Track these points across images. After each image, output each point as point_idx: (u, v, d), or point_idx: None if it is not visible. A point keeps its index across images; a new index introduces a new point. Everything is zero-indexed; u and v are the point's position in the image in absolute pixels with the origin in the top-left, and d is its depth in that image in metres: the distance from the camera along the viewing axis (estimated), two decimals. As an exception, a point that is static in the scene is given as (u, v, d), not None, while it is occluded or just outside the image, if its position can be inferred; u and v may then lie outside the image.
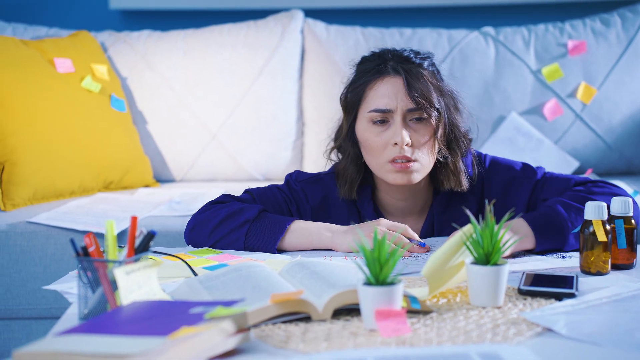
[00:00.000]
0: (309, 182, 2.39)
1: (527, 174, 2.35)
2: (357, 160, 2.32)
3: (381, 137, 2.24)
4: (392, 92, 2.23)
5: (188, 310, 1.55)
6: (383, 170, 2.26)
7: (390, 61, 2.27)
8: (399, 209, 2.37)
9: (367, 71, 2.28)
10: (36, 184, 3.28)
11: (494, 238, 1.78)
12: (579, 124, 3.76)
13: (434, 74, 2.30)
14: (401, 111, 2.23)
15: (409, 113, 2.23)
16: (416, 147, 2.23)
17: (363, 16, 4.26)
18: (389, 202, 2.37)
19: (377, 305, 1.63)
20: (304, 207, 2.37)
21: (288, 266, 1.91)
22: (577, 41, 3.79)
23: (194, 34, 3.91)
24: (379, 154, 2.25)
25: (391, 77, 2.25)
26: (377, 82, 2.25)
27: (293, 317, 1.70)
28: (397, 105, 2.22)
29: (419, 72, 2.25)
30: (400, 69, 2.24)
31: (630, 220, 2.06)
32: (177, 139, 3.81)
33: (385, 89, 2.24)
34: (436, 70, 2.32)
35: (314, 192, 2.38)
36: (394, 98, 2.23)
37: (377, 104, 2.24)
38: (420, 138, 2.23)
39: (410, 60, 2.27)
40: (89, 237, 1.71)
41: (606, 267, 2.01)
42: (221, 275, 1.84)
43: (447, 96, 2.29)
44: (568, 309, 1.75)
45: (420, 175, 2.25)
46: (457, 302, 1.81)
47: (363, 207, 2.35)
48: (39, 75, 3.42)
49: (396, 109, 2.23)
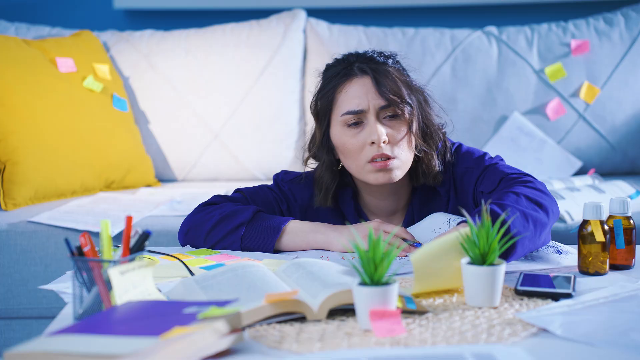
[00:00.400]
0: (295, 182, 2.39)
1: (478, 164, 2.32)
2: (332, 167, 2.31)
3: (357, 139, 2.22)
4: (362, 92, 2.22)
5: (181, 310, 1.55)
6: (363, 172, 2.24)
7: (356, 63, 2.26)
8: (382, 208, 2.36)
9: (334, 76, 2.27)
10: (37, 184, 3.29)
11: (490, 238, 1.77)
12: (582, 123, 3.75)
13: (400, 70, 2.29)
14: (374, 110, 2.21)
15: (382, 111, 2.22)
16: (394, 144, 2.21)
17: (366, 16, 4.25)
18: (371, 203, 2.37)
19: (371, 305, 1.63)
20: (293, 206, 2.37)
21: (284, 266, 1.91)
22: (580, 40, 3.78)
23: (196, 33, 3.91)
24: (357, 156, 2.23)
25: (359, 77, 2.24)
26: (345, 85, 2.24)
27: (288, 317, 1.69)
28: (369, 104, 2.21)
29: (386, 69, 2.24)
30: (367, 68, 2.24)
31: (629, 221, 2.05)
32: (179, 138, 3.81)
33: (355, 90, 2.23)
34: (401, 67, 2.31)
35: (301, 191, 2.38)
36: (364, 98, 2.22)
37: (349, 106, 2.23)
38: (396, 134, 2.22)
39: (375, 60, 2.27)
40: (84, 236, 1.71)
41: (604, 268, 2.00)
42: (217, 275, 1.84)
43: (417, 91, 2.28)
44: (564, 309, 1.75)
45: (400, 172, 2.24)
46: (454, 303, 1.80)
47: (345, 207, 2.35)
48: (40, 75, 3.43)
49: (368, 108, 2.21)
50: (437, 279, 1.84)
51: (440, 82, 3.76)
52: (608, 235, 2.00)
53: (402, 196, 2.36)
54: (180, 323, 1.47)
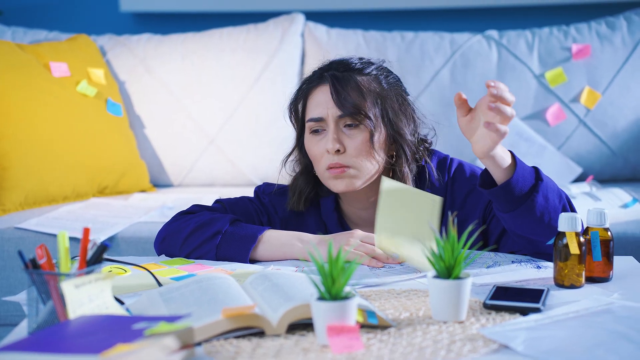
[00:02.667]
0: (277, 194, 2.39)
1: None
2: (308, 171, 2.33)
3: (318, 146, 2.24)
4: (324, 100, 2.23)
5: (131, 326, 1.52)
6: (324, 179, 2.25)
7: (328, 70, 2.26)
8: (363, 218, 2.34)
9: (307, 80, 2.30)
10: (28, 189, 3.28)
11: (455, 251, 1.74)
12: (582, 129, 3.71)
13: (378, 78, 2.26)
14: (332, 118, 2.22)
15: (340, 119, 2.22)
16: (351, 154, 2.21)
17: (365, 19, 4.23)
18: (351, 212, 2.35)
19: (329, 320, 1.60)
20: (274, 218, 2.36)
21: (252, 278, 1.88)
22: (582, 45, 3.73)
23: (193, 37, 3.89)
24: (318, 163, 2.25)
25: (323, 85, 2.25)
26: (313, 91, 2.27)
27: (249, 331, 1.67)
28: (328, 112, 2.22)
29: (350, 78, 2.23)
30: (328, 77, 2.23)
31: (606, 232, 2.01)
32: (175, 143, 3.80)
33: (318, 97, 2.25)
34: (384, 76, 2.28)
35: (282, 203, 2.37)
36: (324, 106, 2.23)
37: (312, 113, 2.25)
38: (353, 144, 2.21)
39: (350, 67, 2.25)
40: (40, 248, 1.69)
41: (580, 280, 1.96)
42: (182, 287, 1.82)
43: (390, 101, 2.25)
44: (531, 324, 1.71)
45: (359, 180, 2.23)
46: (419, 317, 1.77)
47: (327, 218, 2.33)
48: (33, 80, 3.42)
49: (327, 116, 2.22)
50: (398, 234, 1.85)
51: (439, 87, 3.72)
52: (584, 247, 1.95)
53: None
54: (126, 340, 1.44)
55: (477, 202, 2.28)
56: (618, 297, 1.89)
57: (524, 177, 2.03)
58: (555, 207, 2.05)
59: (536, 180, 2.04)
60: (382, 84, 2.26)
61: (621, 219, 3.13)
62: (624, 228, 3.07)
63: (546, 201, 2.03)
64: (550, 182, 2.07)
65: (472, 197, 2.29)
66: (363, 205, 2.32)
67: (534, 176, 2.04)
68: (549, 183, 2.06)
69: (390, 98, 2.25)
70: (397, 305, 1.84)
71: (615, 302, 1.84)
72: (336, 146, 2.19)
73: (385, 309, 1.81)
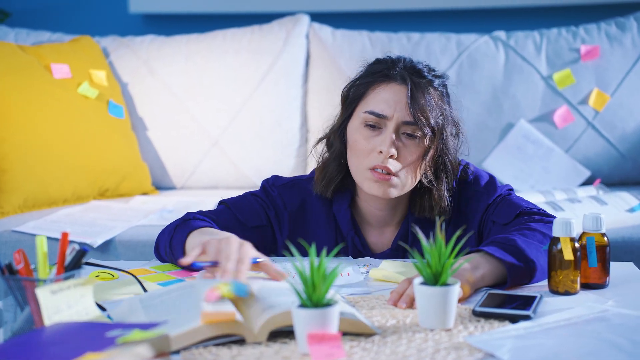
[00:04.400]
0: (287, 187, 2.30)
1: (488, 190, 2.25)
2: (341, 158, 2.24)
3: (369, 142, 2.15)
4: (393, 99, 2.14)
5: (105, 333, 1.49)
6: (362, 177, 2.17)
7: (402, 69, 2.18)
8: (377, 218, 2.28)
9: (375, 72, 2.20)
10: (27, 192, 3.26)
11: (442, 257, 1.70)
12: (590, 131, 3.65)
13: (442, 96, 2.19)
14: (396, 121, 2.13)
15: (404, 125, 2.14)
16: (401, 163, 2.14)
17: (371, 20, 4.20)
18: (367, 211, 2.28)
19: (310, 328, 1.56)
20: (281, 213, 2.28)
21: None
22: (591, 46, 3.68)
23: (197, 39, 3.87)
24: (362, 159, 2.16)
25: (397, 84, 2.15)
26: (380, 85, 2.17)
27: (230, 339, 1.63)
28: (394, 114, 2.13)
29: (427, 87, 2.15)
30: (408, 79, 2.15)
31: (603, 238, 1.96)
32: (178, 145, 3.78)
33: (387, 94, 2.15)
34: (445, 93, 2.21)
35: (291, 196, 2.29)
36: (393, 105, 2.14)
37: (375, 107, 2.15)
38: (407, 154, 2.14)
39: (422, 74, 2.18)
40: (18, 253, 1.66)
41: (574, 287, 1.91)
42: (163, 294, 1.78)
43: (449, 122, 2.18)
44: (520, 332, 1.67)
45: (397, 191, 2.16)
46: (407, 324, 1.73)
47: (340, 213, 2.27)
48: (34, 81, 3.40)
49: (392, 117, 2.13)
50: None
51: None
52: (579, 252, 1.91)
53: (399, 211, 2.28)
54: (97, 348, 1.41)
55: (477, 208, 2.24)
56: (613, 304, 1.85)
57: (515, 273, 1.97)
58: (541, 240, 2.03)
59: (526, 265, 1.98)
60: (444, 102, 2.19)
61: (627, 223, 3.08)
62: (630, 232, 3.02)
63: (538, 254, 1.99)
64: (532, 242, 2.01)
65: (473, 201, 2.24)
66: (381, 206, 2.26)
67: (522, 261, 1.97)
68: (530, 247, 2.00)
69: (451, 120, 2.19)
70: (385, 312, 1.80)
71: (609, 310, 1.79)
72: (393, 151, 2.12)
73: (372, 316, 1.78)
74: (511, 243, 1.99)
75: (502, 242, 2.00)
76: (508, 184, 2.30)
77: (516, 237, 2.01)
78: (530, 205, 2.19)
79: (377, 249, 2.28)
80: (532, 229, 2.06)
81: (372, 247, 2.29)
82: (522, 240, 2.00)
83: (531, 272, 1.97)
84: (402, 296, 1.84)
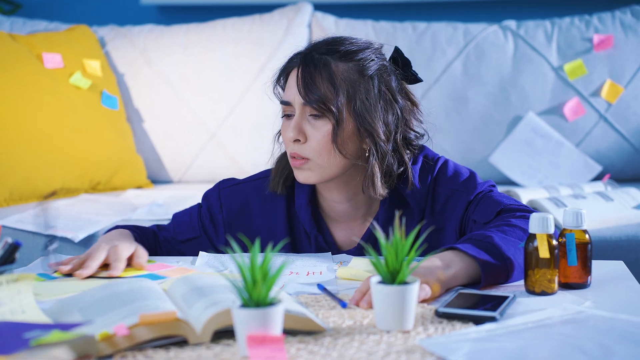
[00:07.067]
0: (229, 188, 2.24)
1: (467, 188, 2.12)
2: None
3: (286, 132, 2.08)
4: (294, 83, 2.06)
5: (22, 334, 1.39)
6: (292, 166, 2.10)
7: (311, 50, 2.09)
8: (339, 213, 2.17)
9: (292, 58, 2.12)
10: (12, 185, 3.17)
11: (400, 255, 1.59)
12: (602, 124, 3.52)
13: (362, 66, 2.06)
14: (298, 105, 2.05)
15: (305, 107, 2.05)
16: (311, 146, 2.04)
17: (377, 10, 4.10)
18: (327, 205, 2.18)
19: (250, 329, 1.46)
20: (216, 217, 2.22)
21: (172, 281, 1.74)
22: (604, 35, 3.54)
23: (196, 28, 3.78)
24: (286, 149, 2.11)
25: (295, 68, 2.08)
26: (291, 72, 2.09)
27: (170, 340, 1.53)
28: (295, 98, 2.05)
29: (324, 62, 2.04)
30: (299, 60, 2.06)
31: (584, 234, 1.84)
32: (175, 138, 3.69)
33: (291, 80, 2.08)
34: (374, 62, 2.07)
35: (231, 198, 2.22)
36: (294, 90, 2.06)
37: (284, 95, 2.10)
38: (316, 136, 2.04)
39: (334, 50, 2.07)
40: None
41: (552, 287, 1.79)
42: (96, 291, 1.67)
43: (365, 92, 2.03)
44: (481, 334, 1.55)
45: (316, 175, 2.06)
46: (363, 325, 1.62)
47: (300, 210, 2.17)
48: (24, 71, 3.32)
49: (294, 101, 2.06)
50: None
51: (451, 80, 3.57)
52: (557, 250, 1.79)
53: (360, 203, 2.15)
54: (4, 351, 1.31)
55: (455, 207, 2.12)
56: (590, 305, 1.73)
57: (490, 272, 1.85)
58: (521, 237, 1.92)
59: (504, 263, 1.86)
60: (363, 73, 2.06)
61: (633, 220, 2.95)
62: (636, 230, 2.88)
63: (516, 251, 1.88)
64: (510, 239, 1.91)
65: (452, 201, 2.12)
66: (338, 199, 2.15)
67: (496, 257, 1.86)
68: (508, 244, 1.89)
69: (367, 89, 2.05)
70: (344, 312, 1.70)
71: (585, 311, 1.68)
72: (295, 135, 2.04)
73: (329, 317, 1.67)
74: (487, 240, 1.88)
75: (478, 239, 1.89)
76: (490, 180, 2.18)
77: (493, 233, 1.90)
78: (511, 202, 2.07)
79: (345, 245, 2.17)
80: (511, 225, 1.95)
81: (339, 244, 2.18)
82: (500, 237, 1.89)
83: (508, 271, 1.86)
84: (365, 295, 1.74)
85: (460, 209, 2.10)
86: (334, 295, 1.79)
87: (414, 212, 2.12)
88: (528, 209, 2.04)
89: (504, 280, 1.87)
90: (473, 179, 2.13)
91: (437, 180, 2.13)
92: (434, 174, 2.13)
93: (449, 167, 2.15)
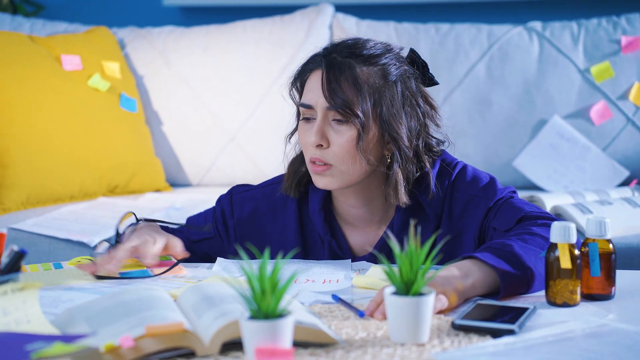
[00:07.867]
0: (241, 194, 2.22)
1: (487, 194, 2.06)
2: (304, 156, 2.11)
3: (306, 135, 2.03)
4: (317, 86, 2.01)
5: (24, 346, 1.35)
6: (310, 172, 2.05)
7: (333, 52, 2.03)
8: (355, 217, 2.12)
9: (306, 63, 2.08)
10: (30, 188, 3.15)
11: (414, 265, 1.54)
12: (630, 128, 3.46)
13: (385, 70, 2.01)
14: (321, 109, 1.99)
15: (329, 112, 1.99)
16: (334, 151, 1.99)
17: (399, 11, 4.07)
18: (343, 209, 2.13)
19: (258, 342, 1.41)
20: (227, 222, 2.19)
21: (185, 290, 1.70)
22: (632, 37, 3.48)
23: (216, 30, 3.75)
24: (305, 153, 2.05)
25: (319, 70, 2.02)
26: (311, 73, 2.04)
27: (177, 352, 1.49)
28: (317, 101, 2.00)
29: (349, 66, 1.99)
30: (323, 62, 2.00)
31: (608, 244, 1.78)
32: (194, 140, 3.66)
33: (312, 82, 2.02)
34: (396, 66, 2.03)
35: (242, 205, 2.19)
36: (316, 94, 2.00)
37: (304, 98, 2.04)
38: (340, 141, 1.99)
39: (356, 53, 2.02)
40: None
41: (574, 298, 1.73)
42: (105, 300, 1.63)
43: (390, 98, 1.99)
44: (499, 348, 1.50)
45: (338, 181, 2.01)
46: (377, 338, 1.58)
47: (314, 215, 2.12)
48: (42, 73, 3.29)
49: (316, 105, 2.00)
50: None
51: (474, 82, 3.52)
52: (579, 260, 1.73)
53: (376, 208, 2.11)
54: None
55: (475, 213, 2.06)
56: (613, 318, 1.67)
57: (510, 282, 1.80)
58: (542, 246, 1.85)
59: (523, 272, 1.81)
60: (387, 78, 2.01)
61: (659, 229, 2.89)
62: (661, 239, 2.83)
63: (537, 261, 1.82)
64: (531, 248, 1.85)
65: (471, 207, 2.07)
66: (353, 203, 2.11)
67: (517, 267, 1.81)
68: (529, 253, 1.83)
69: (392, 94, 2.00)
70: (357, 323, 1.65)
71: (608, 324, 1.62)
72: (318, 140, 1.99)
73: (342, 327, 1.62)
74: (507, 249, 1.82)
75: (498, 247, 1.83)
76: (510, 186, 2.12)
77: (514, 242, 1.84)
78: (533, 209, 2.01)
79: (360, 251, 2.13)
80: (533, 233, 1.89)
81: (354, 250, 2.13)
82: (520, 246, 1.83)
83: (528, 281, 1.80)
84: (380, 306, 1.69)
85: (480, 215, 2.04)
86: (351, 305, 1.74)
87: (429, 217, 2.07)
88: (550, 216, 1.98)
89: (524, 290, 1.81)
90: (493, 184, 2.07)
91: (454, 185, 2.08)
92: (451, 178, 2.08)
93: (468, 172, 2.10)
